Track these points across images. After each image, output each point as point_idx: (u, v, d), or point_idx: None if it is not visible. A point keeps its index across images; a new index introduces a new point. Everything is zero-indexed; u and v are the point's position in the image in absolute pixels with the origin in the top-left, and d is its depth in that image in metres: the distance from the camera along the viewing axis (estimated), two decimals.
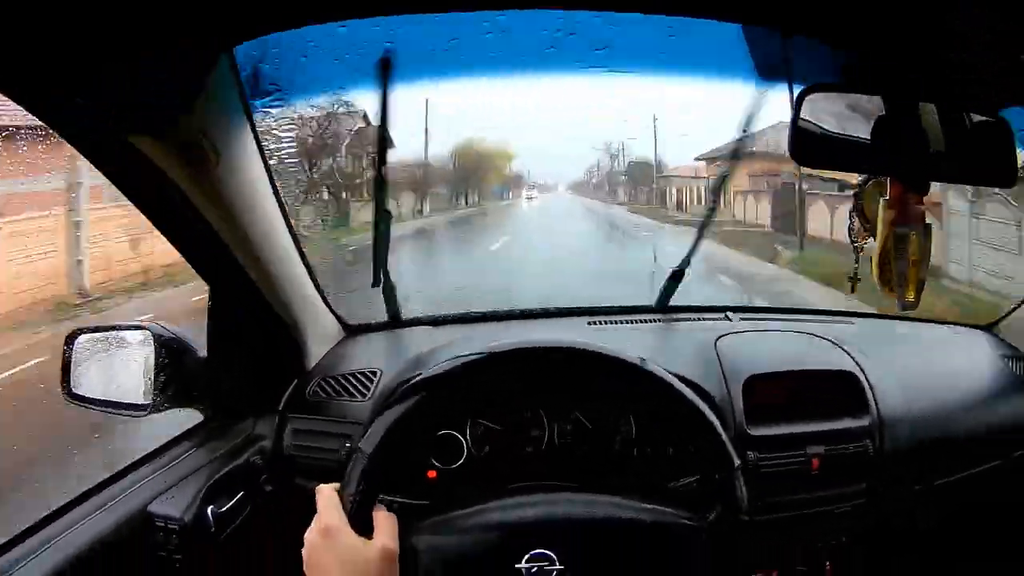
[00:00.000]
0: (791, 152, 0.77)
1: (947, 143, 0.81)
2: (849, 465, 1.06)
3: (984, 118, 0.83)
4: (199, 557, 0.89)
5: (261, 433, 1.02)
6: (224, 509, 0.92)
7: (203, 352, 1.01)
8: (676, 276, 1.31)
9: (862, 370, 1.13)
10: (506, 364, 0.90)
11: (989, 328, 1.36)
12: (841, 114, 0.81)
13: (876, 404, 1.10)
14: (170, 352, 0.97)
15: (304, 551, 0.78)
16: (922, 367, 1.21)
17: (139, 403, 0.99)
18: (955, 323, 1.39)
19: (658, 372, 0.90)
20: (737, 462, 0.86)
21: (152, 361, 0.96)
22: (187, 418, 1.04)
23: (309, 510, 0.89)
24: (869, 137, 0.78)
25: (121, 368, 1.01)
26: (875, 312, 1.34)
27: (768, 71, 0.87)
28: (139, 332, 0.99)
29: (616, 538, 0.83)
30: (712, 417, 0.88)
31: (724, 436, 0.87)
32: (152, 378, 0.97)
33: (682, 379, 0.92)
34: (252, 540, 0.97)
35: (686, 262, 1.29)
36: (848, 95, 0.81)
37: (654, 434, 1.02)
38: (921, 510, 1.13)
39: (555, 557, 0.79)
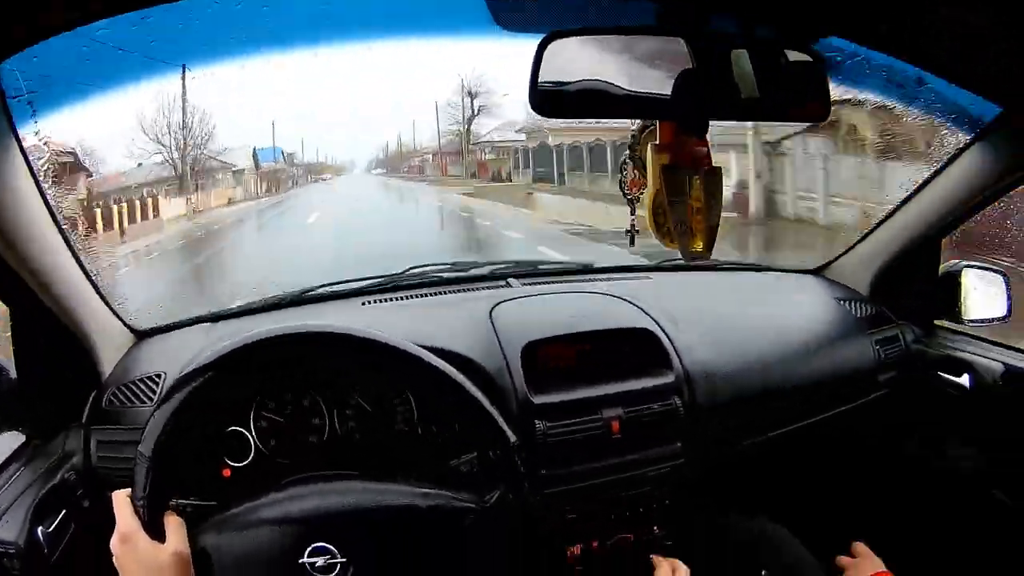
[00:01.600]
0: (531, 104, 0.73)
1: (761, 87, 0.77)
2: (658, 425, 1.02)
3: (799, 56, 0.79)
4: None
5: (71, 449, 1.01)
6: (52, 529, 0.92)
7: (13, 373, 1.00)
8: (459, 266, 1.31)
9: (659, 325, 1.08)
10: (265, 352, 0.88)
11: (819, 272, 1.30)
12: (590, 60, 0.76)
13: (680, 359, 1.05)
14: None
15: (113, 558, 0.79)
16: (737, 317, 1.17)
17: None
18: (780, 269, 1.33)
19: (412, 350, 0.88)
20: (512, 438, 0.84)
21: None
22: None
23: None
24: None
25: None
26: (678, 264, 1.29)
27: (506, 21, 0.81)
28: None
29: (395, 525, 0.81)
30: (476, 392, 0.86)
31: (493, 412, 0.85)
32: None
33: (451, 354, 0.89)
34: (83, 557, 0.96)
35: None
36: (593, 39, 0.76)
37: (434, 414, 0.99)
38: (753, 463, 1.10)
39: (335, 550, 0.78)
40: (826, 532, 1.10)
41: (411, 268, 1.37)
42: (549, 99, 0.71)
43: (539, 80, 0.71)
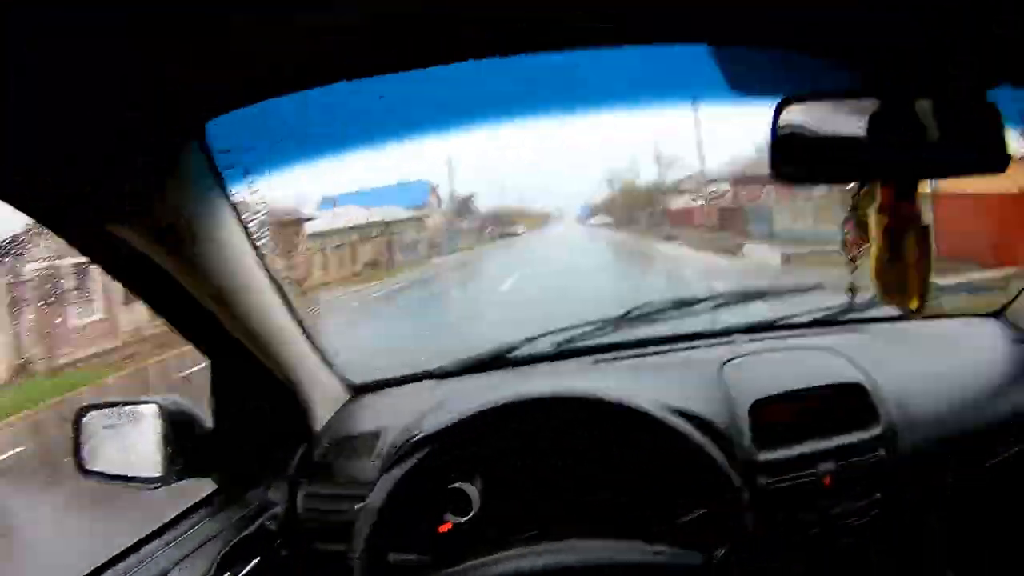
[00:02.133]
0: (772, 170, 0.76)
1: (940, 132, 0.80)
2: (863, 477, 1.04)
3: (973, 103, 0.82)
4: None
5: (273, 499, 1.02)
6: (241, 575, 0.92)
7: (209, 423, 1.01)
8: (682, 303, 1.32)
9: (870, 379, 1.11)
10: (501, 415, 0.91)
11: (998, 315, 1.33)
12: (824, 121, 0.79)
13: (887, 411, 1.07)
14: (177, 424, 0.97)
15: None
16: (932, 365, 1.19)
17: (152, 475, 0.99)
18: (964, 315, 1.36)
19: (657, 414, 0.90)
20: (745, 495, 0.85)
21: (161, 434, 0.97)
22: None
23: (326, 572, 0.89)
24: (860, 140, 0.77)
25: (132, 442, 1.02)
26: (881, 316, 1.31)
27: (742, 87, 0.85)
28: (147, 406, 1.00)
29: None
30: (715, 452, 0.88)
31: (728, 468, 0.87)
32: (163, 450, 0.97)
33: (683, 413, 0.91)
34: None
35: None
36: (827, 102, 0.79)
37: (660, 472, 1.00)
38: (943, 507, 1.11)
39: None
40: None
41: (633, 310, 1.37)
42: (788, 162, 0.74)
43: (778, 143, 0.74)
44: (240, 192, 0.91)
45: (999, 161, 0.83)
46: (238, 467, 1.04)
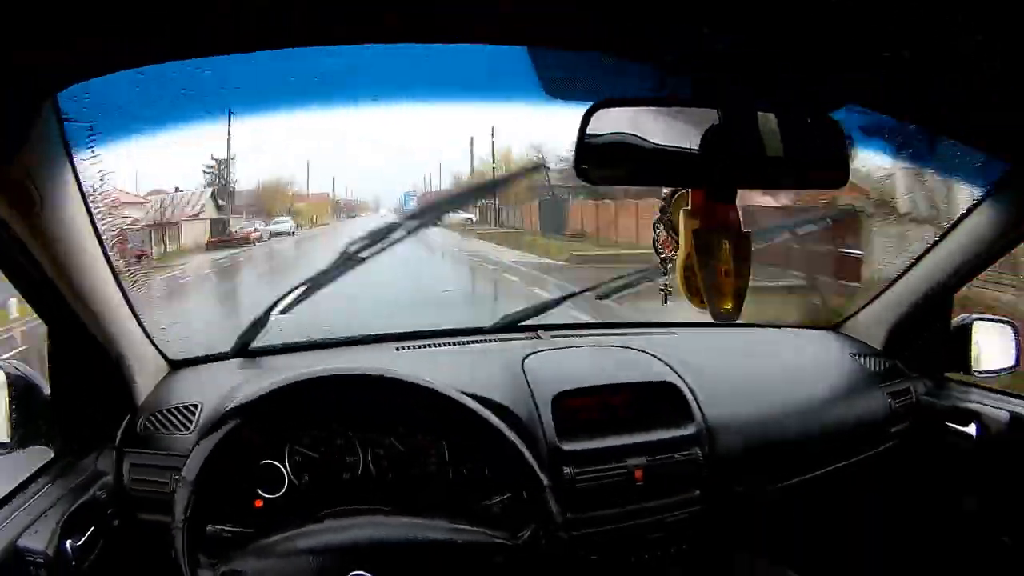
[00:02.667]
0: (576, 169, 0.77)
1: (784, 148, 0.81)
2: (678, 474, 1.06)
3: (818, 120, 0.83)
4: None
5: (103, 468, 1.04)
6: (80, 543, 0.94)
7: (48, 390, 1.02)
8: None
9: (683, 380, 1.12)
10: (307, 392, 0.93)
11: (836, 328, 1.34)
12: (632, 127, 0.80)
13: (701, 412, 1.10)
14: (20, 391, 0.98)
15: None
16: (757, 372, 1.21)
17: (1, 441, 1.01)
18: (799, 326, 1.38)
19: (454, 395, 0.92)
20: (545, 481, 0.87)
21: (6, 400, 0.98)
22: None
23: (151, 543, 0.90)
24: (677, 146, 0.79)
25: None
26: (703, 321, 1.33)
27: (554, 89, 0.87)
28: None
29: (431, 560, 0.85)
30: (513, 437, 0.90)
31: (528, 456, 0.89)
32: (7, 416, 0.98)
33: (486, 401, 0.93)
34: (109, 573, 0.98)
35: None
36: (640, 108, 0.80)
37: (466, 456, 1.03)
38: (765, 513, 1.12)
39: None
40: None
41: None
42: (592, 165, 0.76)
43: (584, 146, 0.76)
44: (85, 162, 0.91)
45: (838, 178, 0.85)
46: (73, 435, 1.05)
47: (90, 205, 0.92)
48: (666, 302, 0.95)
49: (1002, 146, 0.96)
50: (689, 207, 0.83)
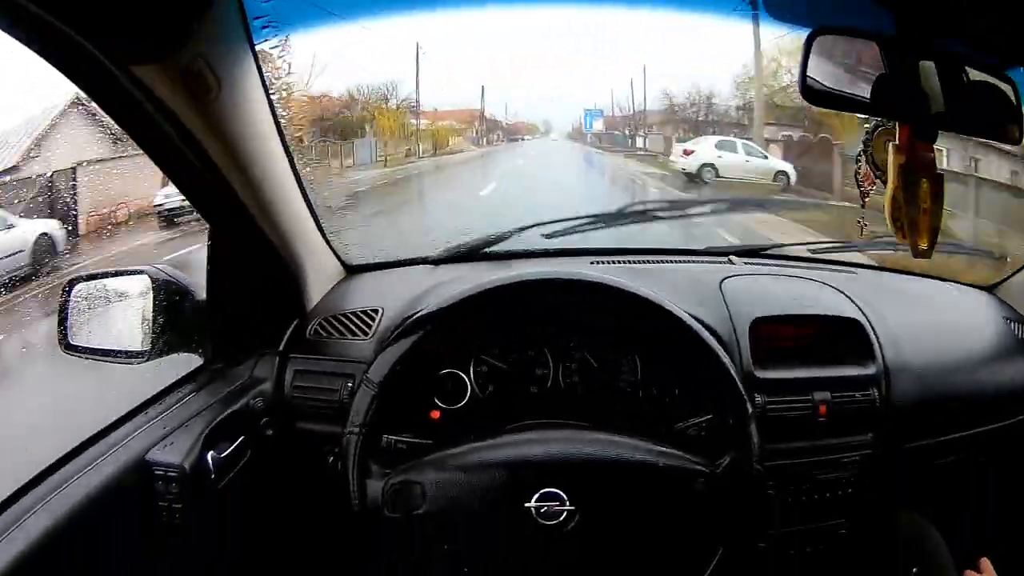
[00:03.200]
0: (801, 91, 0.77)
1: (948, 102, 0.81)
2: (855, 414, 1.04)
3: (989, 78, 0.83)
4: (199, 505, 0.87)
5: (261, 376, 1.00)
6: (224, 455, 0.90)
7: (202, 295, 0.99)
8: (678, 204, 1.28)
9: (867, 319, 1.11)
10: (508, 297, 0.89)
11: (991, 289, 1.34)
12: (850, 58, 0.81)
13: (882, 353, 1.08)
14: (168, 296, 0.95)
15: None
16: (926, 321, 1.20)
17: (137, 350, 0.97)
18: (958, 282, 1.38)
19: (667, 305, 0.88)
20: (750, 407, 0.84)
21: (150, 306, 0.95)
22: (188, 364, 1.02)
23: (309, 453, 0.87)
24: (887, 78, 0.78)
25: (119, 314, 1.00)
26: (877, 264, 1.33)
27: (777, 11, 0.86)
28: (137, 277, 0.97)
29: (629, 480, 0.81)
30: (725, 357, 0.86)
31: (736, 376, 0.85)
32: (150, 324, 0.95)
33: (691, 317, 0.90)
34: (253, 486, 0.95)
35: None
36: (857, 40, 0.80)
37: (660, 373, 1.00)
38: (926, 464, 1.12)
39: (566, 497, 0.78)
40: (977, 543, 1.12)
41: (630, 206, 1.35)
42: (817, 90, 0.75)
43: (807, 71, 0.76)
44: (268, 48, 0.89)
45: (1014, 134, 0.86)
46: (228, 342, 1.01)
47: (271, 96, 0.88)
48: (862, 235, 0.95)
49: None
50: (897, 142, 0.83)
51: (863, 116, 0.87)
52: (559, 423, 0.88)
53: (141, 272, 0.97)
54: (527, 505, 0.78)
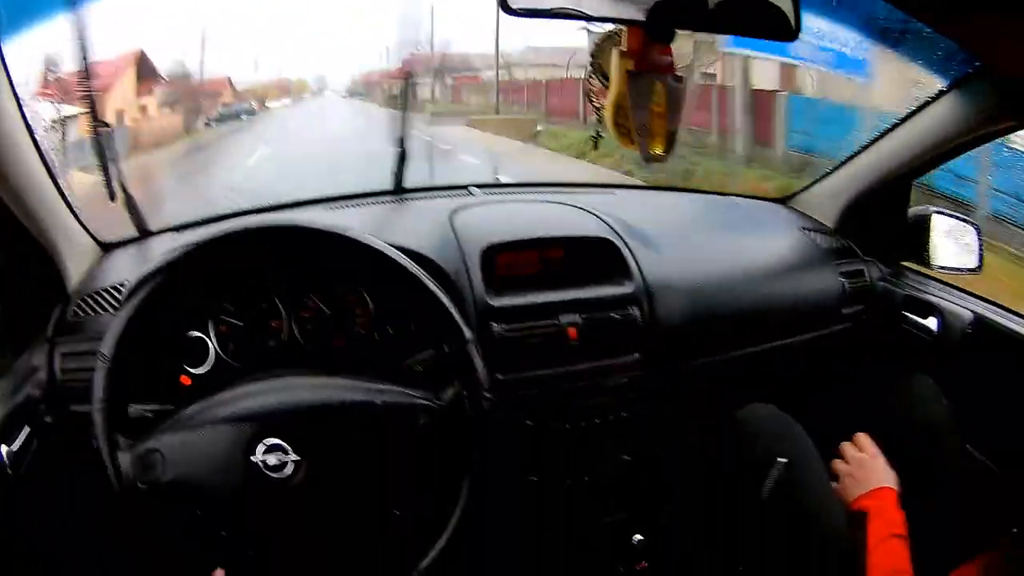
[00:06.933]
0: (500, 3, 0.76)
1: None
2: (616, 335, 1.03)
3: None
4: (2, 499, 0.88)
5: (36, 364, 0.98)
6: (15, 447, 0.90)
7: None
8: (402, 156, 1.27)
9: (620, 237, 1.09)
10: (220, 252, 0.87)
11: (785, 201, 1.32)
12: None
13: (640, 271, 1.06)
14: None
15: None
16: (702, 237, 1.18)
17: None
18: (750, 196, 1.36)
19: (366, 240, 0.87)
20: (468, 334, 0.84)
21: None
22: None
23: (86, 436, 0.83)
24: None
25: None
26: (641, 184, 1.32)
27: None
28: None
29: (349, 422, 0.81)
30: (433, 287, 0.86)
31: (449, 306, 0.85)
32: None
33: (411, 252, 0.89)
34: (48, 474, 0.96)
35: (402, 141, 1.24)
36: None
37: (393, 314, 0.99)
38: (713, 383, 1.11)
39: (289, 448, 0.77)
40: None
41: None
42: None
43: None
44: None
45: (787, 31, 0.84)
46: (8, 334, 1.01)
47: (14, 85, 0.87)
48: (596, 148, 0.95)
49: (975, 42, 0.91)
50: (624, 47, 0.83)
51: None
52: (281, 373, 0.85)
53: None
54: (253, 459, 0.77)
